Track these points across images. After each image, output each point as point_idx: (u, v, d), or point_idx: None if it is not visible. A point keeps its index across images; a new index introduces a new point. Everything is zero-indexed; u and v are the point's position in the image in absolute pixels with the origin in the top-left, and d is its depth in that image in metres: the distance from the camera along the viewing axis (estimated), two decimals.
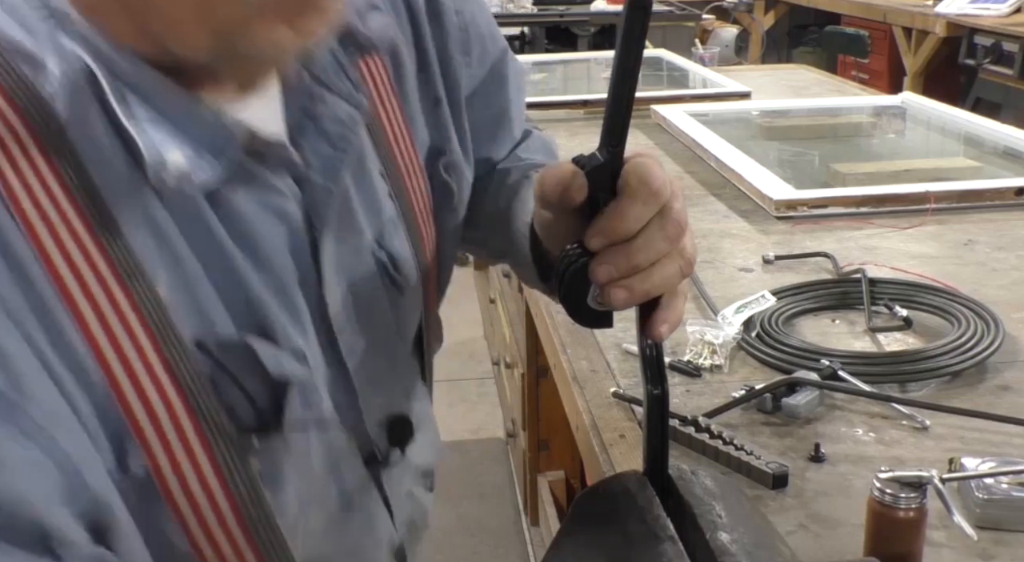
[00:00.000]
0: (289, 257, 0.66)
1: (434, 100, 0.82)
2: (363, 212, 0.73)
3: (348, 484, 0.74)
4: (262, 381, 0.63)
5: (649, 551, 0.60)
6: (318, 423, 0.69)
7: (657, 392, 0.69)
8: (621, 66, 0.65)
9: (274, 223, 0.65)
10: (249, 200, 0.63)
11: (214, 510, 0.61)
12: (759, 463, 0.93)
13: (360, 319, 0.72)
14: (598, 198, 0.69)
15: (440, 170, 0.83)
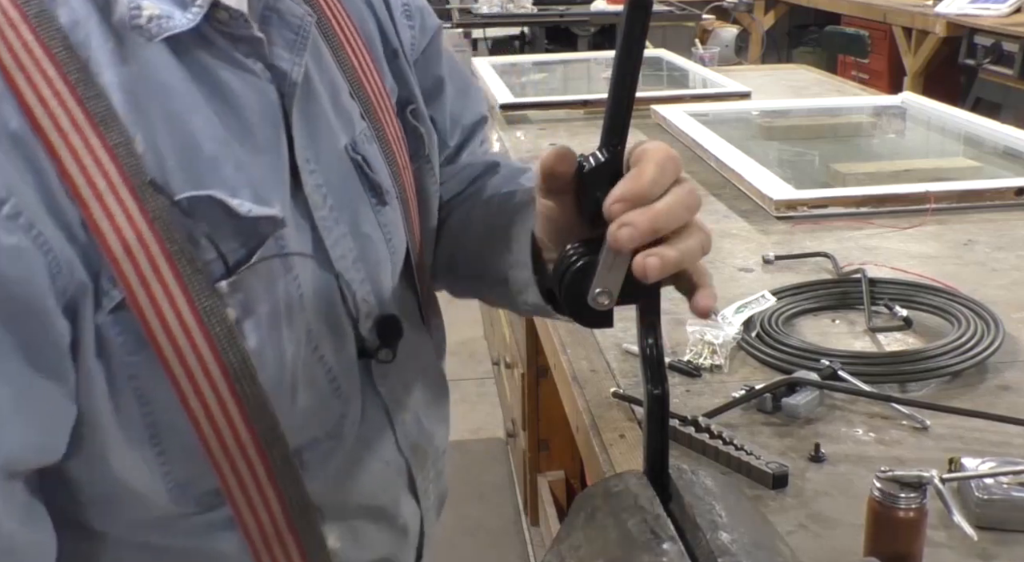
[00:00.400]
0: (264, 125, 0.69)
1: (392, 52, 0.87)
2: (335, 116, 0.77)
3: (336, 367, 0.75)
4: (234, 230, 0.66)
5: (649, 551, 0.60)
6: (295, 282, 0.70)
7: (657, 392, 0.69)
8: (621, 66, 0.65)
9: (249, 94, 0.68)
10: (225, 70, 0.67)
11: (194, 351, 0.64)
12: (759, 463, 0.93)
13: (339, 206, 0.75)
14: (598, 198, 0.69)
15: (409, 116, 0.87)
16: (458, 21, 5.28)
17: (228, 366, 0.66)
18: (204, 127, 0.66)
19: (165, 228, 0.63)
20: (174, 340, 0.64)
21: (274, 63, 0.71)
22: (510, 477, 2.86)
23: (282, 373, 0.70)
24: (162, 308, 0.63)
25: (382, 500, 0.83)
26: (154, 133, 0.63)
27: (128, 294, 0.62)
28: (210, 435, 0.67)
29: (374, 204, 0.80)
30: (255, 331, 0.68)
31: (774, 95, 2.77)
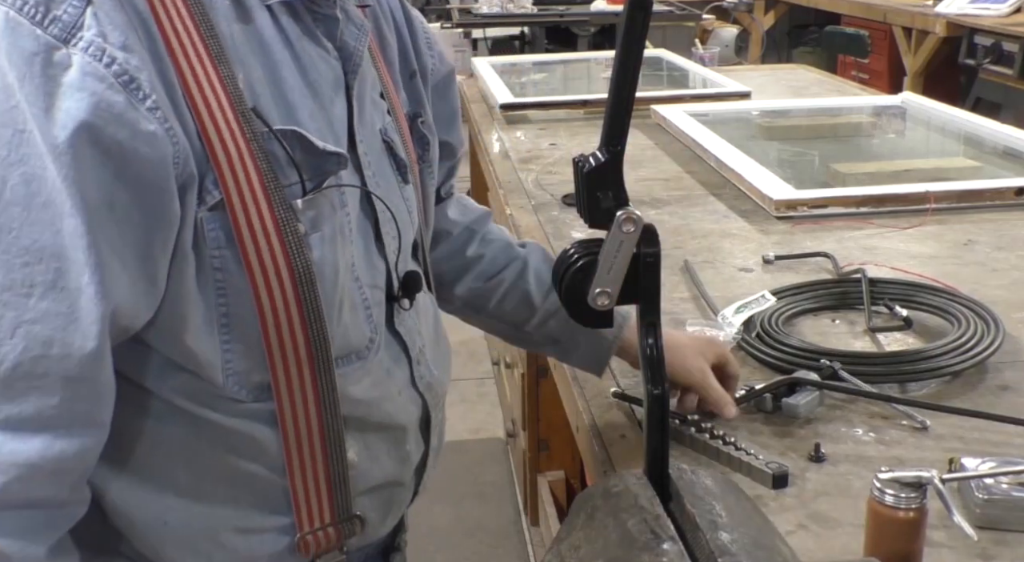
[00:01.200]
0: (330, 90, 0.85)
1: (410, 73, 1.03)
2: (370, 102, 0.92)
3: (371, 298, 0.88)
4: (311, 161, 0.80)
5: (649, 551, 0.60)
6: (347, 217, 0.85)
7: (657, 392, 0.69)
8: (621, 66, 0.65)
9: (321, 64, 0.85)
10: (307, 41, 0.84)
11: (270, 252, 0.78)
12: (759, 463, 0.93)
13: (378, 174, 0.91)
14: (598, 197, 0.69)
15: (418, 125, 1.03)
16: (458, 21, 5.28)
17: (295, 270, 0.79)
18: (289, 79, 0.81)
19: (259, 148, 0.77)
20: (256, 241, 0.77)
21: (342, 44, 0.87)
22: (510, 477, 2.86)
23: (334, 288, 0.83)
24: (249, 212, 0.77)
25: (398, 424, 0.93)
26: (253, 75, 0.79)
27: (225, 196, 0.76)
28: (272, 329, 0.79)
29: (399, 180, 0.94)
30: (319, 245, 0.81)
31: (774, 95, 2.77)
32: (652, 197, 1.83)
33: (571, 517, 0.69)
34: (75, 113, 0.68)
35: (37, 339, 0.70)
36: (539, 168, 2.06)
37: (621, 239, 0.70)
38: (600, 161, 0.69)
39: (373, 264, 0.89)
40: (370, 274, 0.89)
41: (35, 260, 0.69)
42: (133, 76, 0.71)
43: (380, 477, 0.92)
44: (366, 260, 0.88)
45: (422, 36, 1.06)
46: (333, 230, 0.83)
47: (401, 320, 0.93)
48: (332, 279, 0.82)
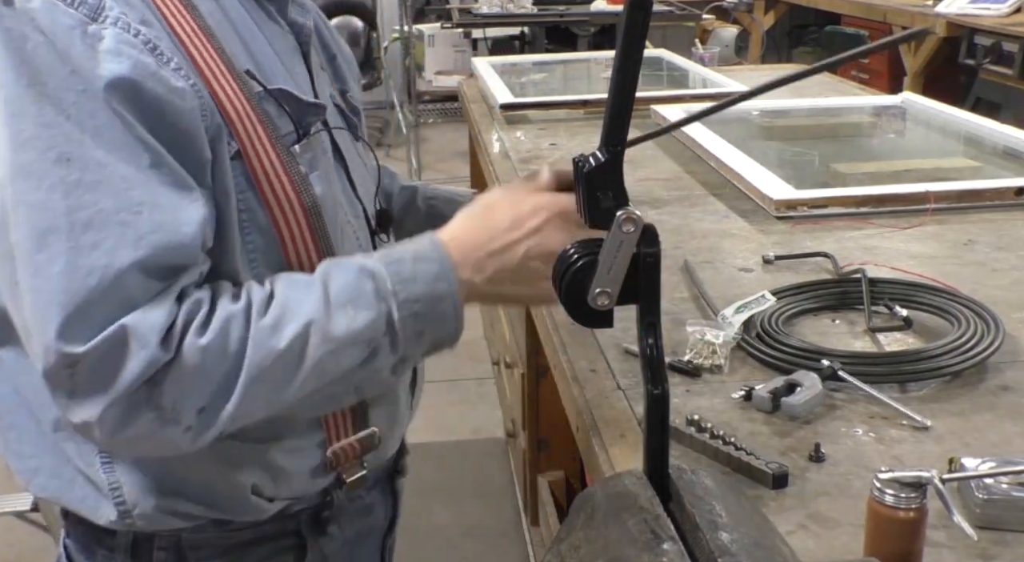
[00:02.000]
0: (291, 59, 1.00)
1: (330, 57, 1.16)
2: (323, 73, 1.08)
3: (359, 231, 1.03)
4: (300, 112, 0.94)
5: (649, 551, 0.60)
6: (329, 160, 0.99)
7: (657, 392, 0.69)
8: (621, 66, 0.65)
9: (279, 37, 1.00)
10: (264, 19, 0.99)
11: (283, 190, 0.91)
12: (759, 463, 0.93)
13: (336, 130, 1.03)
14: (598, 197, 0.69)
15: (349, 100, 1.14)
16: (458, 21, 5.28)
17: (305, 203, 0.92)
18: (263, 50, 0.95)
19: (258, 104, 0.90)
20: (270, 182, 0.90)
21: (291, 21, 1.02)
22: (510, 477, 2.86)
23: (335, 218, 0.96)
24: (262, 159, 0.90)
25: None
26: (234, 46, 0.91)
27: (241, 146, 0.88)
28: (292, 255, 0.92)
29: (351, 138, 1.09)
30: (319, 182, 0.95)
31: (774, 95, 2.76)
32: (652, 197, 1.83)
33: (571, 517, 0.69)
34: (119, 72, 0.80)
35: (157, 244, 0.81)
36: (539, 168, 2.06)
37: (621, 239, 0.70)
38: (600, 161, 0.69)
39: (352, 201, 1.04)
40: (352, 210, 1.03)
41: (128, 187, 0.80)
42: (156, 44, 0.83)
43: (387, 386, 1.04)
44: (346, 198, 1.03)
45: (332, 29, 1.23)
46: (326, 169, 0.97)
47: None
48: (333, 211, 0.96)
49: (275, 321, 0.83)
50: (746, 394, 1.06)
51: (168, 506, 0.94)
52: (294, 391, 0.84)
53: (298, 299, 0.85)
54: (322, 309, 0.84)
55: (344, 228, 0.99)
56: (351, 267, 0.88)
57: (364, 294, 0.86)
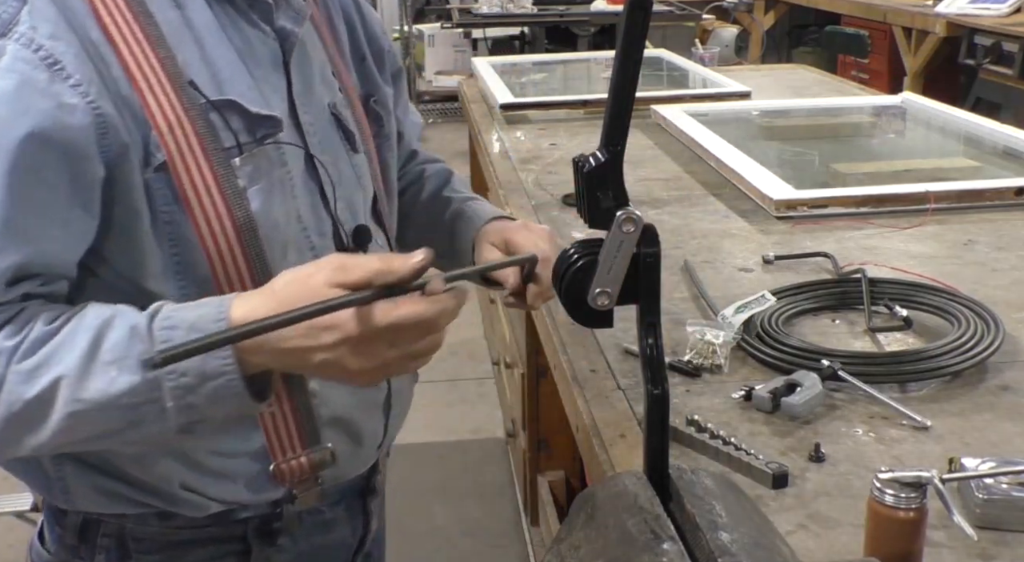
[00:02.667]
0: (269, 66, 0.97)
1: (360, 57, 1.15)
2: (321, 82, 1.04)
3: (321, 248, 0.98)
4: (247, 124, 0.92)
5: (649, 551, 0.60)
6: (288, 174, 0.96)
7: (657, 392, 0.69)
8: (621, 66, 0.65)
9: (259, 44, 0.97)
10: (244, 24, 0.96)
11: (212, 206, 0.89)
12: (759, 463, 0.93)
13: (324, 142, 1.02)
14: (598, 197, 0.69)
15: (371, 104, 1.14)
16: (458, 21, 5.28)
17: (236, 220, 0.90)
18: (226, 58, 0.93)
19: (198, 116, 0.89)
20: (199, 195, 0.89)
21: (279, 27, 0.98)
22: (510, 477, 2.86)
23: (276, 234, 0.94)
24: (191, 171, 0.88)
25: None
26: (190, 54, 0.91)
27: (168, 158, 0.88)
28: (220, 272, 0.90)
29: (348, 149, 1.06)
30: (257, 197, 0.92)
31: (774, 95, 2.76)
32: (652, 197, 1.83)
33: (571, 517, 0.69)
34: (3, 89, 0.82)
35: None
36: (539, 168, 2.06)
37: (621, 239, 0.70)
38: (600, 161, 0.69)
39: (320, 216, 1.00)
40: (317, 225, 1.00)
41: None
42: (58, 59, 0.83)
43: (343, 407, 1.02)
44: (313, 213, 0.99)
45: (375, 23, 1.20)
46: (272, 184, 0.94)
47: None
48: (274, 226, 0.94)
49: (33, 367, 0.81)
50: (746, 394, 1.06)
51: (107, 488, 0.95)
52: (51, 438, 0.82)
53: (67, 346, 0.81)
54: (81, 365, 0.81)
55: (291, 246, 0.96)
56: (128, 322, 0.82)
57: (131, 357, 0.81)
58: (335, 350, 0.80)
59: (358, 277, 0.80)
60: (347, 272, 0.80)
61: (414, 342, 0.81)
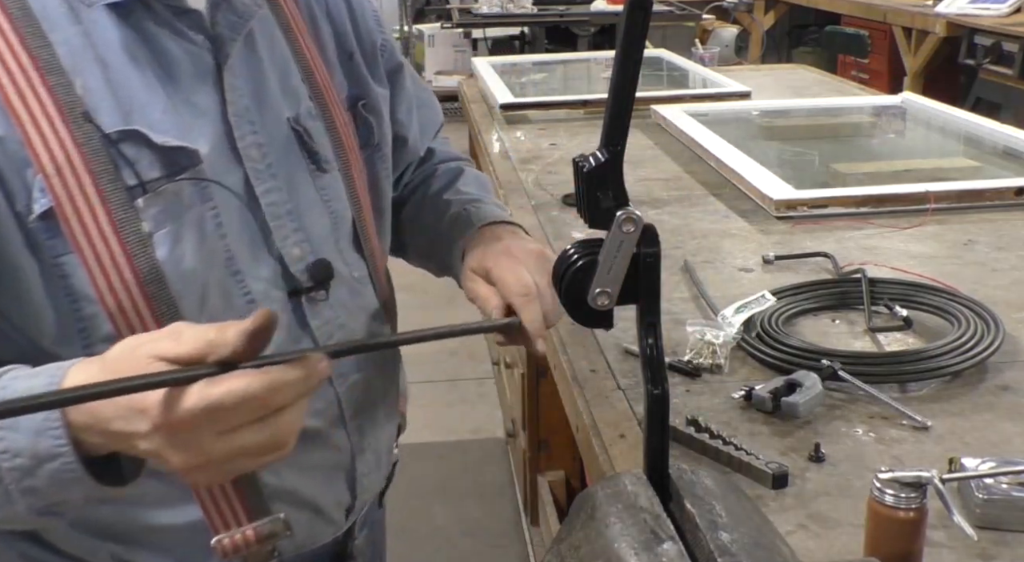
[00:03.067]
0: (197, 84, 0.85)
1: (348, 55, 1.02)
2: (281, 92, 0.92)
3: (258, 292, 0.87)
4: (154, 159, 0.80)
5: (649, 551, 0.60)
6: (212, 211, 0.84)
7: (657, 392, 0.69)
8: (621, 66, 0.65)
9: (185, 58, 0.84)
10: (167, 36, 0.84)
11: (110, 255, 0.78)
12: (759, 463, 0.93)
13: (278, 164, 0.89)
14: (598, 197, 0.69)
15: (360, 110, 1.01)
16: (458, 21, 5.28)
17: (138, 270, 0.79)
18: (137, 80, 0.81)
19: (92, 152, 0.77)
20: (93, 245, 0.78)
21: (215, 36, 0.86)
22: (510, 477, 2.86)
23: (191, 283, 0.82)
24: (83, 217, 0.77)
25: (309, 424, 0.90)
26: (93, 79, 0.79)
27: (56, 203, 0.76)
28: (124, 329, 0.79)
29: (312, 170, 0.93)
30: (165, 242, 0.81)
31: (774, 95, 2.77)
32: (652, 197, 1.83)
33: (571, 517, 0.69)
34: None
35: None
36: (539, 168, 2.06)
37: (621, 239, 0.70)
38: (600, 161, 0.69)
39: (259, 257, 0.88)
40: (256, 266, 0.87)
41: None
42: None
43: (292, 476, 0.91)
44: (251, 253, 0.87)
45: (368, 15, 1.06)
46: (187, 225, 0.82)
47: (316, 313, 0.91)
48: (187, 274, 0.82)
49: None
50: (746, 394, 1.06)
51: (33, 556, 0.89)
52: None
53: None
54: None
55: (214, 295, 0.84)
56: None
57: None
58: (150, 439, 0.67)
59: (188, 350, 0.67)
60: (179, 343, 0.68)
61: (246, 430, 0.66)
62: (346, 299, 0.95)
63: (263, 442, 0.67)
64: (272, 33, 0.93)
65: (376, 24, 1.07)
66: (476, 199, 1.11)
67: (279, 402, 0.67)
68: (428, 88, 1.20)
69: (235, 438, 0.66)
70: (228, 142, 0.86)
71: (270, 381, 0.66)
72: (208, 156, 0.83)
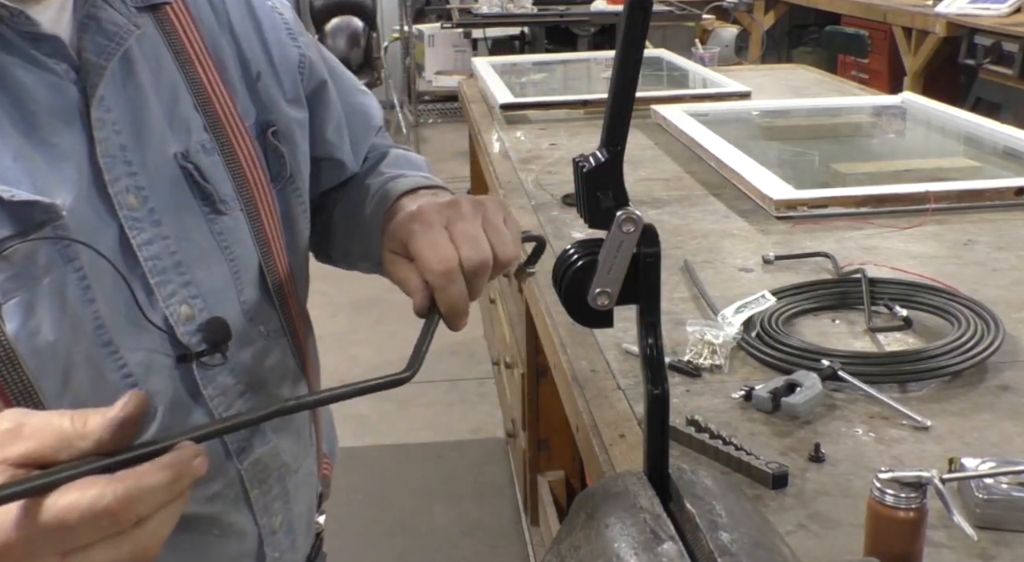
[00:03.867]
0: (56, 122, 0.72)
1: (255, 75, 0.90)
2: (167, 125, 0.81)
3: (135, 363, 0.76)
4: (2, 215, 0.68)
5: (649, 551, 0.60)
6: (76, 273, 0.72)
7: (657, 392, 0.69)
8: (621, 66, 0.65)
9: (42, 91, 0.72)
10: (19, 67, 0.71)
11: None
12: (759, 463, 0.93)
13: (162, 210, 0.78)
14: (598, 197, 0.69)
15: (271, 138, 0.90)
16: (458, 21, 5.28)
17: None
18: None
19: None
20: None
21: (82, 65, 0.74)
22: (510, 477, 2.86)
23: (50, 359, 0.71)
24: None
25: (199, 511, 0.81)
26: None
27: None
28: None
29: (207, 213, 0.82)
30: (16, 315, 0.69)
31: (774, 95, 2.77)
32: (652, 197, 1.83)
33: (571, 517, 0.69)
34: None
35: None
36: (539, 168, 2.06)
37: (621, 239, 0.70)
38: (600, 161, 0.69)
39: (137, 321, 0.76)
40: (133, 334, 0.76)
41: None
42: None
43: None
44: (127, 319, 0.75)
45: (280, 28, 0.94)
46: (44, 293, 0.70)
47: (210, 379, 0.81)
48: (47, 349, 0.70)
49: None
50: (746, 394, 1.06)
51: None
52: None
53: None
54: None
55: (80, 370, 0.73)
56: None
57: None
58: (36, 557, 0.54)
59: (26, 450, 0.54)
60: (15, 441, 0.55)
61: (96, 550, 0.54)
62: (248, 361, 0.84)
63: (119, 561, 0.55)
64: (158, 55, 0.82)
65: (290, 38, 0.95)
66: (399, 175, 0.99)
67: (138, 514, 0.54)
68: (359, 88, 1.09)
69: (83, 559, 0.54)
70: (98, 189, 0.74)
71: (125, 491, 0.53)
72: (72, 208, 0.71)
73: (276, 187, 0.90)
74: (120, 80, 0.78)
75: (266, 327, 0.88)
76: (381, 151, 1.07)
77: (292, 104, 0.93)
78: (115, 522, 0.53)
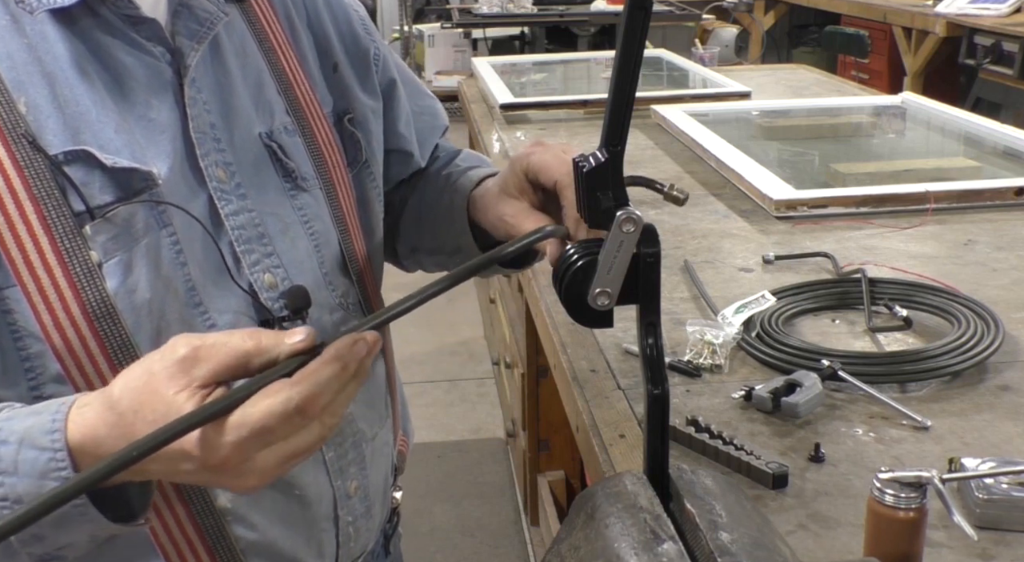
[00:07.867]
0: (154, 98, 0.79)
1: (332, 66, 0.96)
2: (253, 107, 0.86)
3: (223, 324, 0.81)
4: (105, 181, 0.74)
5: (649, 551, 0.60)
6: (170, 238, 0.78)
7: (657, 392, 0.69)
8: (621, 66, 0.65)
9: (140, 70, 0.78)
10: (120, 48, 0.78)
11: (55, 288, 0.72)
12: (759, 463, 0.93)
13: (248, 184, 0.84)
14: (598, 197, 0.69)
15: (347, 125, 0.95)
16: (458, 21, 5.28)
17: (87, 304, 0.73)
18: (88, 94, 0.75)
19: (35, 176, 0.72)
20: (36, 276, 0.72)
21: (176, 47, 0.80)
22: (510, 477, 2.86)
23: (146, 316, 0.76)
24: (25, 246, 0.72)
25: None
26: (38, 96, 0.73)
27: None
28: (72, 367, 0.74)
29: (288, 189, 0.88)
30: (116, 272, 0.75)
31: (774, 95, 2.77)
32: (652, 197, 1.83)
33: (571, 517, 0.69)
34: None
35: None
36: None
37: (621, 239, 0.70)
38: (600, 161, 0.69)
39: (224, 285, 0.81)
40: (221, 297, 0.81)
41: None
42: None
43: (268, 529, 0.85)
44: (215, 282, 0.81)
45: (355, 23, 1.00)
46: (137, 253, 0.75)
47: None
48: (142, 306, 0.76)
49: None
50: (746, 394, 1.06)
51: None
52: None
53: None
54: None
55: (173, 328, 0.77)
56: None
57: None
58: (198, 476, 0.65)
59: (212, 370, 0.63)
60: (196, 365, 0.63)
61: (295, 437, 0.64)
62: (329, 328, 0.88)
63: (313, 442, 0.65)
64: (244, 43, 0.87)
65: (365, 32, 1.01)
66: (475, 166, 1.04)
67: (322, 405, 0.63)
68: (426, 91, 1.14)
69: (286, 447, 0.64)
70: (190, 161, 0.80)
71: (308, 389, 0.62)
72: (167, 177, 0.77)
73: (352, 171, 0.95)
74: (210, 63, 0.83)
75: (345, 299, 0.92)
76: (453, 150, 1.13)
77: (367, 93, 0.99)
78: (304, 417, 0.62)
